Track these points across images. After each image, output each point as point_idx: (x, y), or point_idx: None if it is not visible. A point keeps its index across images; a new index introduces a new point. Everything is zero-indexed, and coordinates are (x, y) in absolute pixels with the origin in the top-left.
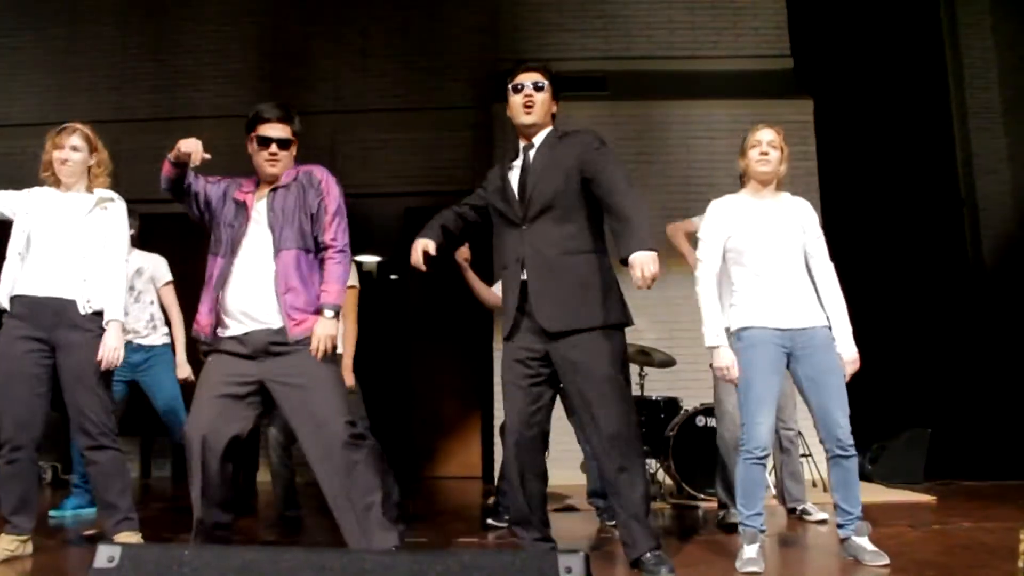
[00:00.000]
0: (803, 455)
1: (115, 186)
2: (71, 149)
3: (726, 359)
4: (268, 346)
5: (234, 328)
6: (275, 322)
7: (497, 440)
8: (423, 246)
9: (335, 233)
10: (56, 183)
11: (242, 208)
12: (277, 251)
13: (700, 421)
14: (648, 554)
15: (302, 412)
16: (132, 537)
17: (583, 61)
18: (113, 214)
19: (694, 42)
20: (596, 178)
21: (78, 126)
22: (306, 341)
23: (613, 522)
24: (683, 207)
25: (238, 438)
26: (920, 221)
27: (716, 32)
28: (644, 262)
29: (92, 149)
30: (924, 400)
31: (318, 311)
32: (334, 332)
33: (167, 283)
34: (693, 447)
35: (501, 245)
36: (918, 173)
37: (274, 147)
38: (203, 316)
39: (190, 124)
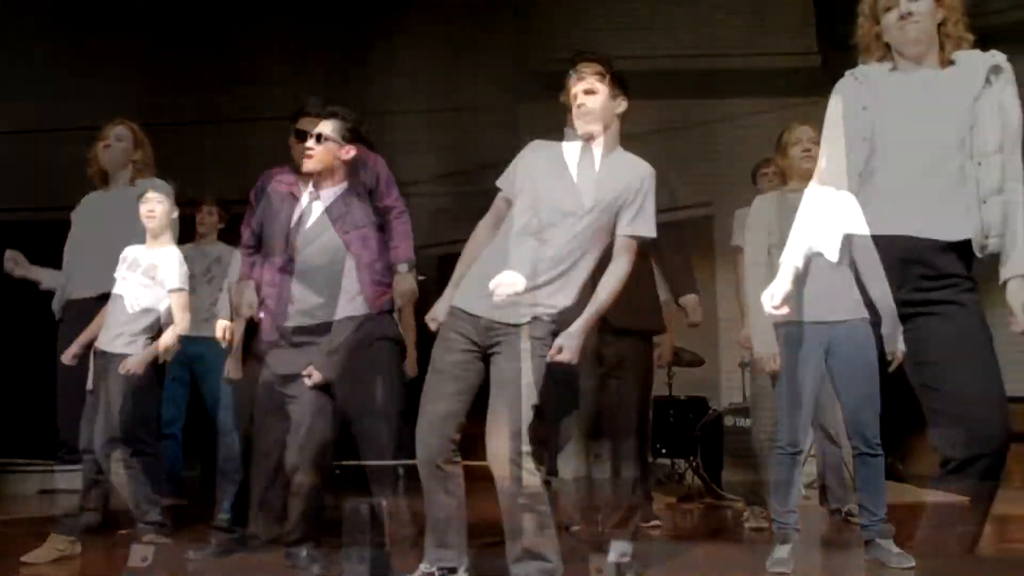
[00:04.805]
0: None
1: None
2: (115, 138)
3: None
4: (330, 339)
5: (297, 321)
6: (342, 312)
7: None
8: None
9: (393, 198)
10: (101, 177)
11: (290, 201)
12: (346, 231)
13: (729, 421)
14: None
15: (355, 404)
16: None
17: None
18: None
19: (718, 40)
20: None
21: (123, 120)
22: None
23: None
24: (707, 207)
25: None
26: None
27: (741, 29)
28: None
29: (137, 143)
30: None
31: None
32: (415, 286)
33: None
34: (721, 447)
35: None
36: None
37: (310, 141)
38: (267, 321)
39: (221, 127)
